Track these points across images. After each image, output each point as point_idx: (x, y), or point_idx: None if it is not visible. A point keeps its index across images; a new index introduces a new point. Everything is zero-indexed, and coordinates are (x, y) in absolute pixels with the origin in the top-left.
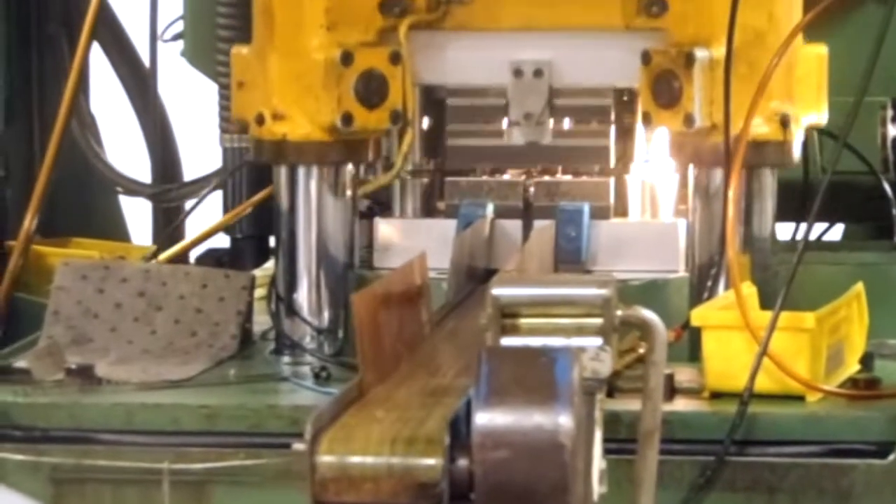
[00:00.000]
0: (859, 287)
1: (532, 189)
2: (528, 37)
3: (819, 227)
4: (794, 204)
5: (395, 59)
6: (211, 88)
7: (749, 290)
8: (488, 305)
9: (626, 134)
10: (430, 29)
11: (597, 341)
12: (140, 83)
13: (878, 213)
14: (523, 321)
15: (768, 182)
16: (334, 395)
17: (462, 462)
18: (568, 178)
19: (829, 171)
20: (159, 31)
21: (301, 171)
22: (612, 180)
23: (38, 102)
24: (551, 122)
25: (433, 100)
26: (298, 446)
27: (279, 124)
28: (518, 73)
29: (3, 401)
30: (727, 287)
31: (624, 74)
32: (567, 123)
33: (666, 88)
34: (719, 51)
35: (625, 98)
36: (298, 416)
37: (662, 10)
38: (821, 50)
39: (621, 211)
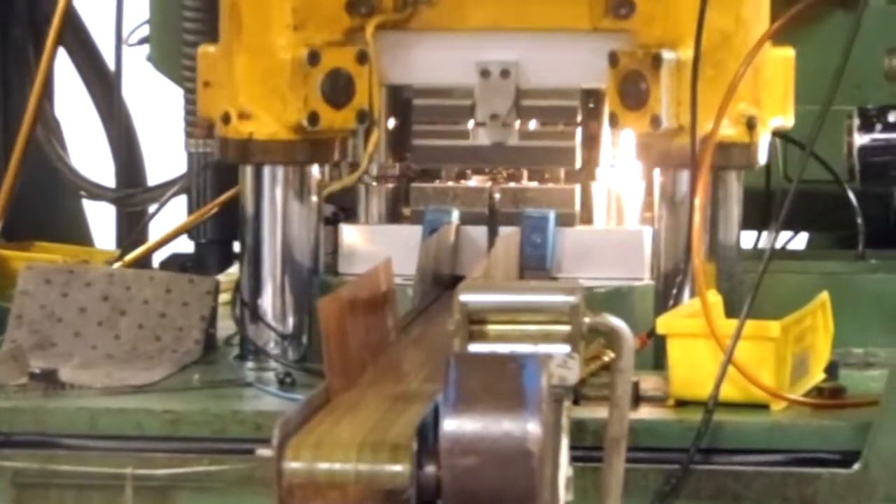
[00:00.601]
0: (824, 296)
1: (498, 195)
2: (495, 37)
3: (784, 235)
4: (756, 212)
5: (362, 58)
6: (176, 93)
7: (714, 299)
8: (456, 311)
9: (592, 141)
10: (396, 29)
11: (564, 348)
12: (105, 87)
13: (842, 223)
14: (491, 327)
15: (734, 189)
16: (301, 400)
17: (430, 468)
18: (534, 184)
19: (796, 179)
20: (125, 35)
21: (266, 172)
22: (577, 187)
23: (3, 106)
24: (518, 122)
25: (399, 100)
26: (263, 452)
27: (245, 123)
28: (485, 73)
29: None
30: (692, 295)
31: (591, 75)
32: (533, 124)
33: (633, 90)
34: (686, 52)
35: (591, 105)
36: (262, 422)
37: (630, 11)
38: (788, 53)
39: (587, 218)
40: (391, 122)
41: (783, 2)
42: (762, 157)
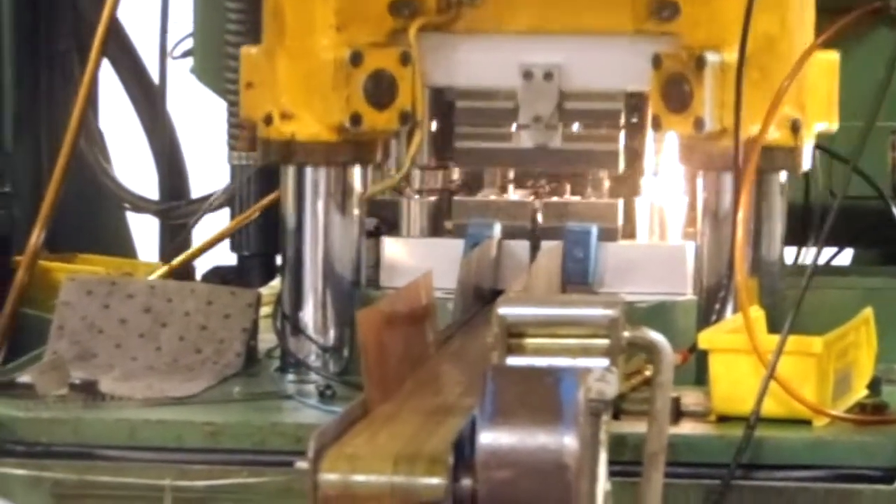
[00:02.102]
0: (868, 312)
1: (540, 210)
2: (539, 39)
3: (827, 251)
4: (795, 226)
5: (405, 59)
6: (220, 105)
7: (757, 314)
8: (494, 324)
9: (634, 155)
10: (440, 30)
11: (603, 362)
12: (149, 100)
13: (887, 239)
14: (529, 341)
15: (777, 204)
16: (338, 413)
17: (465, 481)
18: (576, 199)
19: (839, 195)
20: (169, 47)
21: (308, 179)
22: (620, 202)
23: (47, 118)
24: (560, 125)
25: (442, 102)
26: (301, 464)
27: (287, 124)
28: (528, 75)
29: (6, 415)
30: (735, 310)
31: (634, 78)
32: (576, 127)
33: (676, 92)
34: (730, 55)
35: (633, 120)
36: (302, 435)
37: (674, 13)
38: (832, 57)
39: (629, 233)
40: (434, 124)
41: (827, 9)
42: (806, 162)
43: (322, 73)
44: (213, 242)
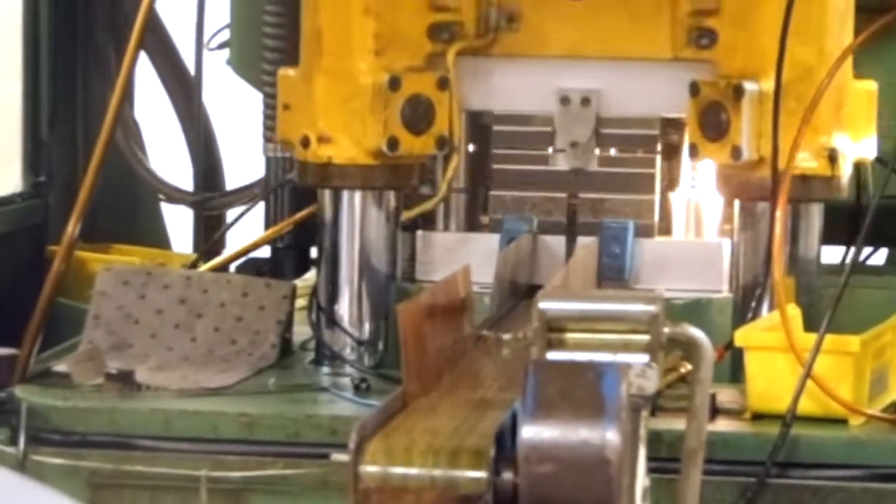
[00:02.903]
0: None
1: (576, 205)
2: (576, 65)
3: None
4: (844, 228)
5: (443, 84)
6: (255, 97)
7: (793, 312)
8: (535, 319)
9: (672, 152)
10: (477, 55)
11: (643, 358)
12: (185, 91)
13: None
14: (569, 336)
15: (815, 207)
16: (378, 405)
17: (507, 475)
18: (613, 195)
19: (877, 195)
20: (205, 39)
21: (345, 193)
22: (656, 198)
23: (83, 108)
24: (597, 150)
25: (479, 125)
26: (338, 457)
27: (324, 147)
28: (565, 101)
29: (42, 404)
30: (771, 308)
31: (671, 105)
32: (613, 151)
33: (714, 120)
34: (768, 84)
35: (672, 117)
36: (337, 427)
37: (712, 41)
38: (870, 85)
39: (665, 229)
40: (470, 148)
41: (867, 7)
42: (844, 189)
43: (360, 97)
44: (252, 247)
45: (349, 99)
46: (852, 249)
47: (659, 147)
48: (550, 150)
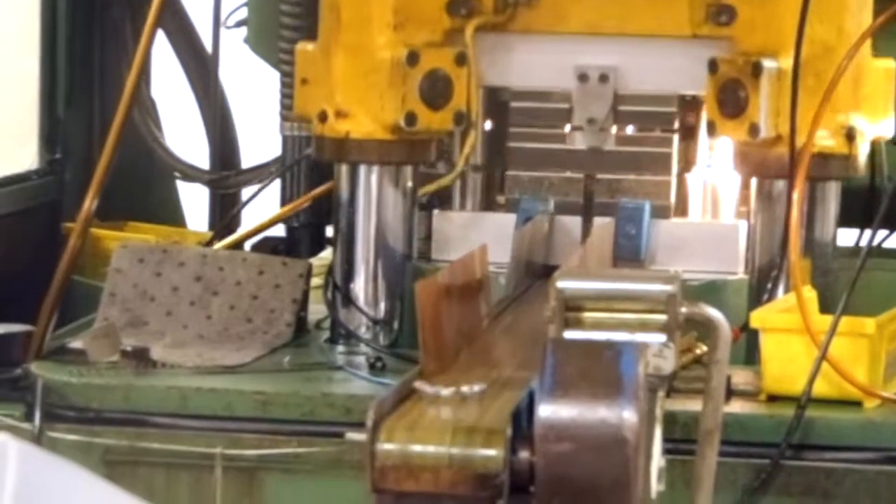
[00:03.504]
0: None
1: (593, 186)
2: (595, 41)
3: (880, 234)
4: (858, 210)
5: (461, 60)
6: (272, 76)
7: (809, 294)
8: (552, 298)
9: (689, 133)
10: (496, 31)
11: (660, 338)
12: (202, 69)
13: None
14: (587, 315)
15: (832, 188)
16: (394, 384)
17: (523, 454)
18: (629, 175)
19: (893, 178)
20: (223, 17)
21: (362, 168)
22: (673, 179)
23: (100, 85)
24: (614, 127)
25: (496, 101)
26: (353, 436)
27: (342, 122)
28: (583, 77)
29: (58, 381)
30: (787, 290)
31: (689, 82)
32: (630, 129)
33: (732, 98)
34: (787, 62)
35: (689, 98)
36: (352, 406)
37: (731, 18)
38: (889, 64)
39: (682, 210)
40: (487, 124)
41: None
42: (861, 168)
43: (378, 72)
44: (268, 225)
45: (367, 73)
46: (868, 232)
47: (676, 125)
48: (568, 127)
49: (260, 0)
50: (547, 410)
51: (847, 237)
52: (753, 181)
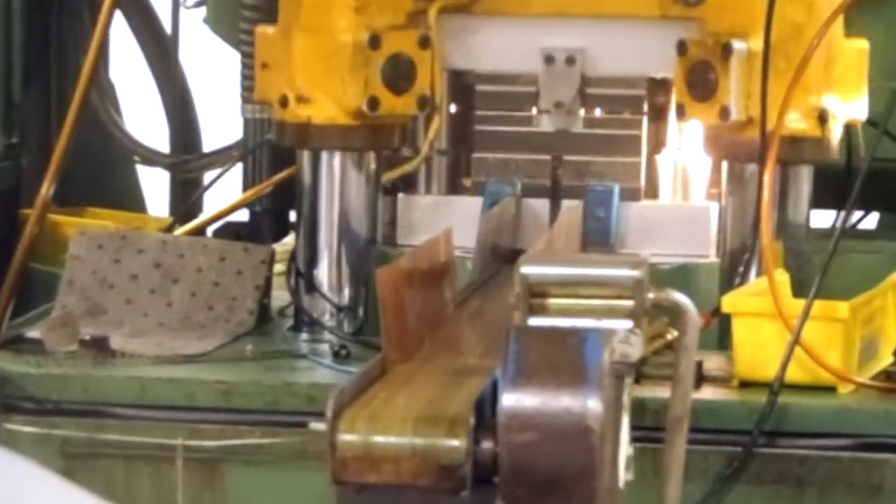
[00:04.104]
0: (895, 277)
1: (561, 168)
2: (561, 23)
3: (855, 215)
4: (833, 191)
5: (425, 43)
6: (233, 57)
7: (782, 278)
8: (517, 284)
9: (659, 115)
10: (460, 13)
11: (627, 324)
12: (161, 50)
13: None
14: (552, 301)
15: (804, 170)
16: (356, 372)
17: (487, 444)
18: (598, 157)
19: (868, 158)
20: None
21: (325, 154)
22: (643, 162)
23: (56, 68)
24: (582, 110)
25: (461, 85)
26: (316, 426)
27: (303, 107)
28: (549, 60)
29: (14, 371)
30: (759, 274)
31: (658, 64)
32: (598, 112)
33: (701, 80)
34: (757, 43)
35: (659, 78)
36: (316, 395)
37: None
38: (861, 45)
39: (652, 193)
40: (452, 108)
41: None
42: (834, 151)
43: (339, 56)
44: (229, 210)
45: (328, 57)
46: (842, 213)
47: (645, 108)
48: (534, 110)
49: None
50: (510, 399)
51: (823, 219)
52: (724, 163)
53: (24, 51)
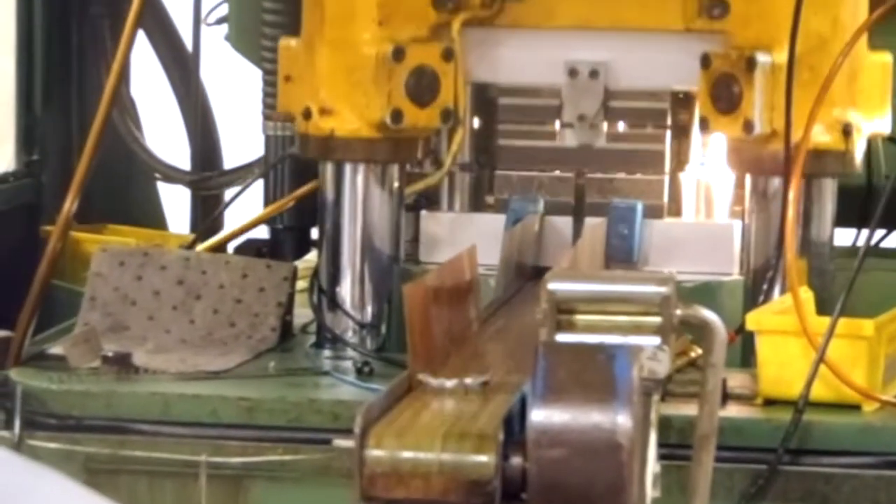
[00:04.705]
0: None
1: (584, 185)
2: (585, 36)
3: (879, 233)
4: (855, 210)
5: (448, 55)
6: (254, 74)
7: (806, 296)
8: (544, 300)
9: (681, 132)
10: (483, 26)
11: (654, 340)
12: (182, 68)
13: None
14: (579, 317)
15: (828, 186)
16: (384, 388)
17: (515, 460)
18: (621, 175)
19: (893, 177)
20: (203, 14)
21: (348, 167)
22: (666, 179)
23: (77, 85)
24: (605, 124)
25: (484, 98)
26: (341, 442)
27: (326, 119)
28: (573, 73)
29: (37, 387)
30: (783, 291)
31: (682, 77)
32: (622, 126)
33: (725, 93)
34: (781, 56)
35: (681, 95)
36: (339, 412)
37: (724, 12)
38: (885, 58)
39: (675, 210)
40: (475, 122)
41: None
42: (858, 165)
43: (363, 68)
44: (250, 226)
45: (352, 70)
46: (865, 231)
47: (669, 121)
48: (558, 124)
49: None
50: (539, 415)
51: (844, 237)
52: (748, 179)
53: (44, 67)
